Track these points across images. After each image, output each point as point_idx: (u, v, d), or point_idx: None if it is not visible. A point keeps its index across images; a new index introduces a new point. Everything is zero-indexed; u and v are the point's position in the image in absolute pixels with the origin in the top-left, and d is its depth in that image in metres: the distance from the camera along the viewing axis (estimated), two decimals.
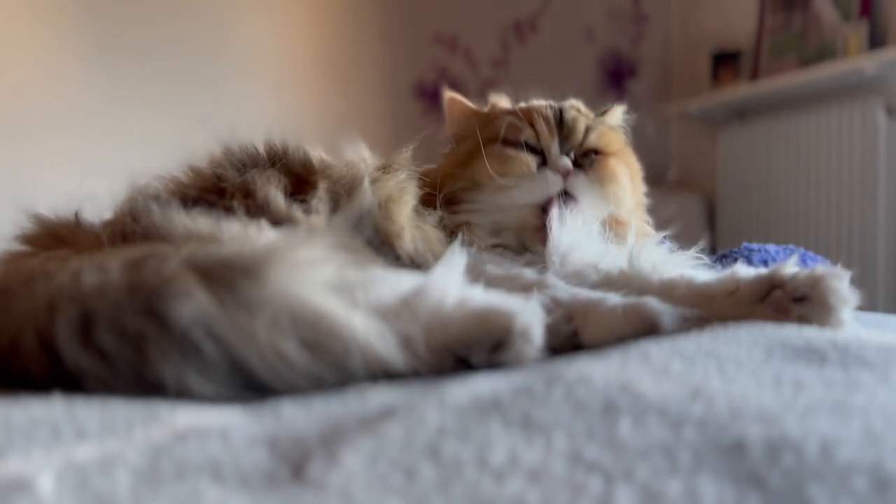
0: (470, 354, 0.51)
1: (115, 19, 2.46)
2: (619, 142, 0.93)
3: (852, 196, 2.40)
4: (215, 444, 0.36)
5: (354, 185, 0.72)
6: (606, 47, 3.21)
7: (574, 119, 0.89)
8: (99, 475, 0.32)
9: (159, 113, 2.43)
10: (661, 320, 0.60)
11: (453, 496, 0.30)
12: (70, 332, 0.45)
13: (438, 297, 0.53)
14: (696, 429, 0.35)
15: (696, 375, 0.46)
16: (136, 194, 0.65)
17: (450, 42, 3.02)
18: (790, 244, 1.16)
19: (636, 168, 0.94)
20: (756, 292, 0.64)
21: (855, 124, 2.39)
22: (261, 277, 0.47)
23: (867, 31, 2.37)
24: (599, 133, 0.90)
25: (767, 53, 2.74)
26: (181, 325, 0.44)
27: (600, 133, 0.90)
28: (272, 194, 0.67)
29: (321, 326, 0.47)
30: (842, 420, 0.36)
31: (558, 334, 0.59)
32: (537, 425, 0.37)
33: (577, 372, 0.44)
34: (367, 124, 2.76)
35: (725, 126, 2.94)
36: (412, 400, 0.41)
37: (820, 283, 0.62)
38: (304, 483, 0.32)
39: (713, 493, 0.30)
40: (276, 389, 0.45)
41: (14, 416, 0.40)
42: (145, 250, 0.51)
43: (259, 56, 2.70)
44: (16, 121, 2.30)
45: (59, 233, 0.64)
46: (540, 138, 0.87)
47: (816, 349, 0.52)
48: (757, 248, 1.08)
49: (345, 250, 0.56)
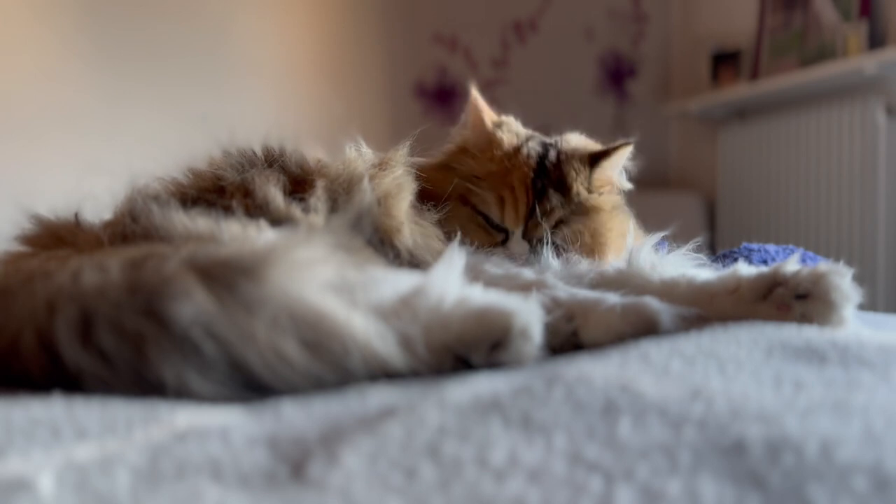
0: (469, 354, 0.51)
1: (115, 19, 2.46)
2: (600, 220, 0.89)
3: (852, 196, 2.40)
4: (215, 444, 0.36)
5: (353, 183, 0.72)
6: (606, 47, 3.21)
7: (549, 212, 0.86)
8: (99, 475, 0.32)
9: (159, 113, 2.43)
10: (660, 319, 0.60)
11: (453, 496, 0.30)
12: (70, 332, 0.45)
13: (438, 296, 0.53)
14: (696, 429, 0.35)
15: (696, 375, 0.46)
16: (135, 195, 0.65)
17: (450, 42, 3.02)
18: (790, 244, 1.16)
19: (623, 229, 0.90)
20: (758, 290, 0.64)
21: (855, 124, 2.39)
22: (260, 277, 0.47)
23: (867, 31, 2.37)
24: (574, 228, 0.87)
25: (767, 53, 2.74)
26: (181, 325, 0.44)
27: (575, 228, 0.87)
28: (271, 194, 0.67)
29: (321, 326, 0.47)
30: (842, 420, 0.36)
31: (558, 334, 0.59)
32: (537, 425, 0.37)
33: (577, 372, 0.44)
34: (367, 124, 2.76)
35: (725, 126, 2.94)
36: (412, 400, 0.41)
37: (822, 280, 0.61)
38: (304, 483, 0.32)
39: (713, 493, 0.30)
40: (276, 389, 0.45)
41: (14, 416, 0.40)
42: (145, 250, 0.51)
43: (259, 56, 2.70)
44: (16, 121, 2.30)
45: (59, 233, 0.64)
46: (505, 222, 0.87)
47: (816, 349, 0.52)
48: (757, 248, 1.08)
49: (344, 250, 0.56)
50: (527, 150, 0.90)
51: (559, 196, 0.87)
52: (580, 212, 0.88)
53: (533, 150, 0.90)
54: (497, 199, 0.87)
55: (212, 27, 2.62)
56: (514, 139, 0.92)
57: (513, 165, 0.88)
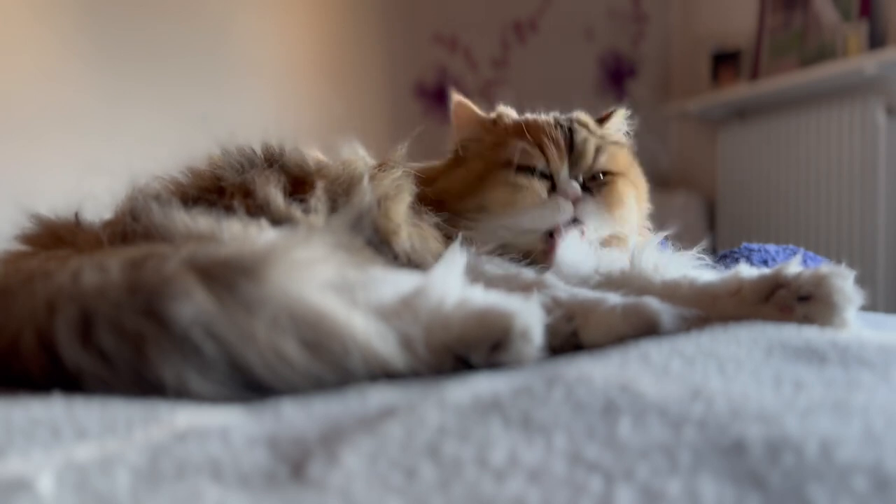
0: (470, 354, 0.51)
1: (115, 19, 2.46)
2: (626, 159, 0.92)
3: (852, 196, 2.40)
4: (215, 444, 0.36)
5: (353, 184, 0.72)
6: (606, 47, 3.21)
7: (584, 141, 0.87)
8: (99, 475, 0.32)
9: (159, 113, 2.43)
10: (660, 320, 0.60)
11: (453, 496, 0.30)
12: (70, 332, 0.45)
13: (438, 296, 0.53)
14: (696, 429, 0.35)
15: (696, 375, 0.46)
16: (136, 194, 0.65)
17: (450, 42, 3.02)
18: (790, 244, 1.16)
19: (643, 186, 0.93)
20: (760, 291, 0.64)
21: (855, 124, 2.39)
22: (260, 277, 0.47)
23: (867, 31, 2.37)
24: (609, 155, 0.88)
25: (767, 53, 2.74)
26: (181, 325, 0.44)
27: (610, 154, 0.88)
28: (272, 193, 0.67)
29: (321, 326, 0.47)
30: (842, 420, 0.36)
31: (558, 334, 0.59)
32: (537, 425, 0.37)
33: (577, 372, 0.44)
34: (367, 124, 2.76)
35: (725, 126, 2.94)
36: (412, 400, 0.41)
37: (824, 281, 0.61)
38: (304, 483, 0.32)
39: (713, 493, 0.30)
40: (276, 389, 0.45)
41: (14, 416, 0.40)
42: (145, 250, 0.51)
43: (259, 56, 2.70)
44: (16, 121, 2.30)
45: (59, 233, 0.64)
46: (550, 164, 0.85)
47: (816, 349, 0.52)
48: (757, 248, 1.08)
49: (344, 250, 0.56)
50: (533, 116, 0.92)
51: (584, 130, 0.89)
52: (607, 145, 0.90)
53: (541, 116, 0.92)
54: (534, 144, 0.86)
55: (212, 27, 2.62)
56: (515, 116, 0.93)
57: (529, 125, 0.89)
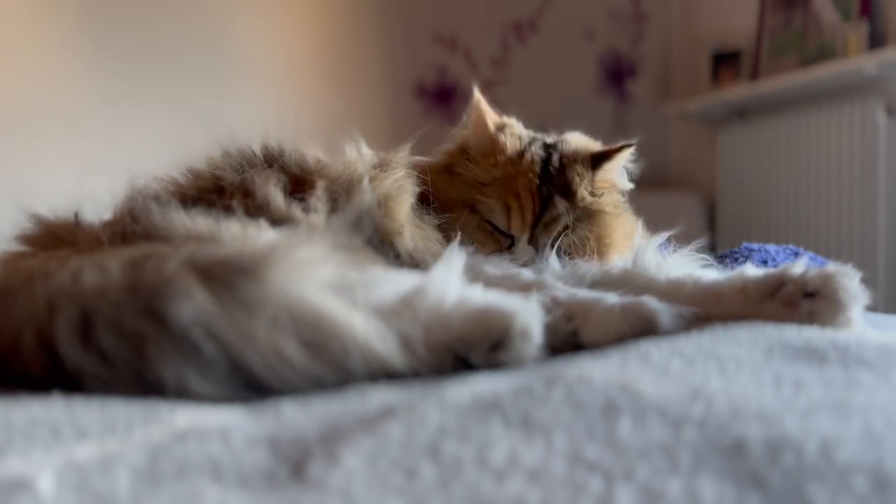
0: (469, 354, 0.51)
1: (115, 19, 2.46)
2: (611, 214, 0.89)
3: (852, 196, 2.40)
4: (215, 444, 0.36)
5: (353, 184, 0.72)
6: (606, 47, 3.21)
7: (553, 220, 0.86)
8: (99, 475, 0.32)
9: (159, 113, 2.43)
10: (658, 319, 0.60)
11: (453, 496, 0.30)
12: (70, 332, 0.45)
13: (438, 296, 0.53)
14: (696, 429, 0.35)
15: (696, 375, 0.46)
16: (135, 194, 0.65)
17: (450, 42, 3.02)
18: (790, 244, 1.17)
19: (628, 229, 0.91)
20: (766, 288, 0.64)
21: (855, 124, 2.39)
22: (260, 277, 0.47)
23: (867, 31, 2.37)
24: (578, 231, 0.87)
25: (767, 53, 2.74)
26: (181, 325, 0.44)
27: (579, 231, 0.87)
28: (272, 193, 0.67)
29: (321, 326, 0.47)
30: (842, 420, 0.36)
31: (558, 334, 0.59)
32: (537, 425, 0.37)
33: (577, 372, 0.44)
34: (367, 124, 2.74)
35: (725, 126, 2.94)
36: (412, 400, 0.41)
37: (831, 279, 0.62)
38: (304, 483, 0.32)
39: (713, 493, 0.30)
40: (276, 389, 0.45)
41: (14, 416, 0.40)
42: (145, 250, 0.51)
43: (259, 56, 2.70)
44: (16, 121, 2.30)
45: (59, 233, 0.64)
46: (512, 229, 0.87)
47: (816, 349, 0.52)
48: (757, 248, 1.08)
49: (344, 250, 0.56)
50: (530, 154, 0.90)
51: (564, 202, 0.88)
52: (585, 216, 0.88)
53: (536, 155, 0.90)
54: (503, 207, 0.87)
55: (212, 27, 2.62)
56: (517, 143, 0.91)
57: (517, 172, 0.88)
